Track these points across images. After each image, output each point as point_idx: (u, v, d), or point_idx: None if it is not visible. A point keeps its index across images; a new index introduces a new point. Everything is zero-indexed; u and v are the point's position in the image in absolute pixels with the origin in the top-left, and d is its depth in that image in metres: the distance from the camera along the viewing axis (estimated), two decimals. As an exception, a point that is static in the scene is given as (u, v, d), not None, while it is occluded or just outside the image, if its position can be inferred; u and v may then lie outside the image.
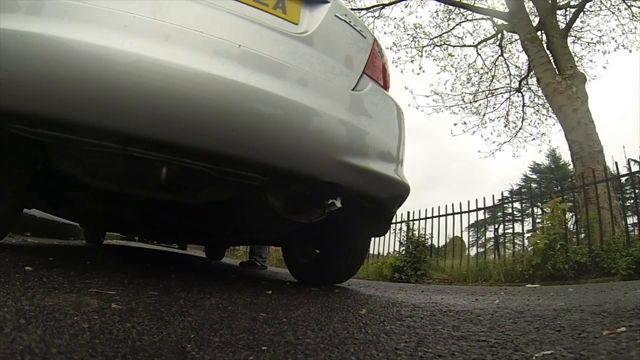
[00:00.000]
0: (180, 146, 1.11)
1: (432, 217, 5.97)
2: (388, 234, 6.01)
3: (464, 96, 9.89)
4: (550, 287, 2.96)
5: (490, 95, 9.95)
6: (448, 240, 6.16)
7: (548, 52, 7.00)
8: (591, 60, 9.24)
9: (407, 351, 0.72)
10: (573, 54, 7.68)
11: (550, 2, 7.67)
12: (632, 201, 6.07)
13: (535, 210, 5.40)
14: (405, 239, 5.73)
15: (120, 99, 1.00)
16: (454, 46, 9.96)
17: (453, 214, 5.72)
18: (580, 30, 8.91)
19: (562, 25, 7.74)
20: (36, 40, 0.97)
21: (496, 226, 6.06)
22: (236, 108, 1.11)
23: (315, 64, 1.35)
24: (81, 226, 3.75)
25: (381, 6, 9.58)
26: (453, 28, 9.85)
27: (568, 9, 8.34)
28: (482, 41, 9.80)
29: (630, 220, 5.68)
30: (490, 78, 9.92)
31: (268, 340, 0.73)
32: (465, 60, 10.27)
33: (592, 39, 8.96)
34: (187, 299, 1.09)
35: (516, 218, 5.58)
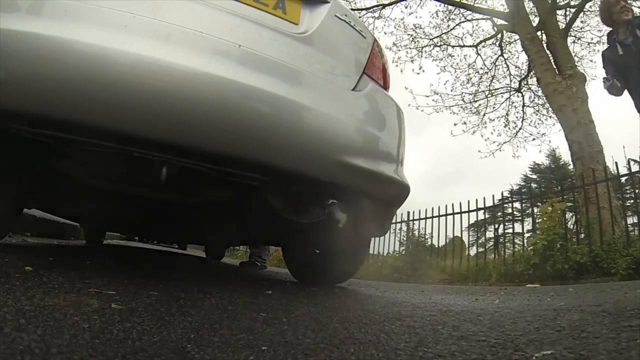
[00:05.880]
0: (181, 146, 1.11)
1: (432, 217, 5.97)
2: (388, 234, 6.01)
3: (464, 96, 9.88)
4: (550, 287, 2.96)
5: (490, 95, 9.94)
6: (448, 240, 6.17)
7: (548, 52, 7.00)
8: (591, 60, 9.22)
9: (407, 351, 0.72)
10: (573, 54, 7.68)
11: (550, 2, 7.66)
12: (632, 201, 6.07)
13: (535, 210, 5.39)
14: (405, 239, 5.74)
15: (120, 99, 1.00)
16: (453, 46, 9.96)
17: (453, 214, 5.73)
18: (580, 30, 8.90)
19: (562, 25, 7.74)
20: (36, 40, 0.97)
21: (496, 226, 6.06)
22: (236, 108, 1.11)
23: (315, 64, 1.35)
24: (81, 226, 3.75)
25: (381, 6, 9.58)
26: (453, 28, 9.84)
27: (568, 9, 8.33)
28: (482, 41, 9.80)
29: (630, 220, 5.68)
30: (490, 78, 9.91)
31: (268, 340, 0.73)
32: (465, 60, 10.26)
33: (592, 39, 8.94)
34: (187, 299, 1.09)
35: (516, 218, 5.59)
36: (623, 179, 4.74)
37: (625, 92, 2.57)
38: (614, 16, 2.58)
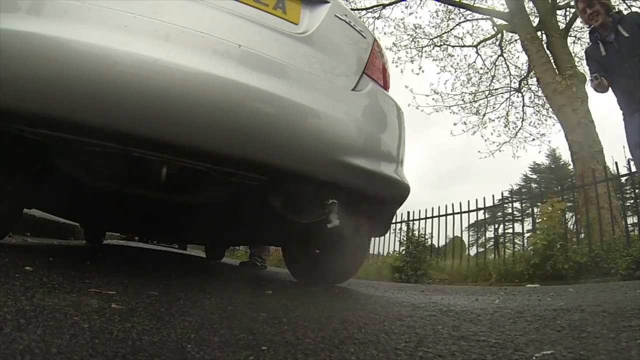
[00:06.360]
0: (181, 146, 1.11)
1: (432, 217, 5.97)
2: (388, 234, 6.01)
3: (464, 96, 9.89)
4: (551, 287, 2.96)
5: (490, 95, 9.95)
6: (448, 240, 6.17)
7: (548, 52, 7.00)
8: (591, 61, 9.20)
9: (407, 351, 0.72)
10: (573, 54, 7.67)
11: (550, 2, 7.66)
12: (632, 201, 6.07)
13: (535, 210, 5.39)
14: (405, 239, 5.74)
15: (120, 99, 1.00)
16: (453, 46, 9.97)
17: (453, 214, 5.72)
18: (580, 30, 8.86)
19: (562, 25, 7.74)
20: (36, 40, 0.97)
21: (496, 226, 6.06)
22: (236, 108, 1.11)
23: (315, 64, 1.35)
24: (81, 226, 3.75)
25: (381, 6, 9.58)
26: (453, 28, 9.86)
27: (568, 9, 8.32)
28: (482, 41, 9.81)
29: (630, 220, 5.67)
30: (490, 78, 9.92)
31: (268, 340, 0.73)
32: (465, 60, 10.27)
33: (592, 39, 8.93)
34: (187, 299, 1.09)
35: (516, 218, 5.58)
36: (623, 179, 4.73)
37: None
38: (587, 23, 2.59)
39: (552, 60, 6.88)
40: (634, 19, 2.48)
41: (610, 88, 2.51)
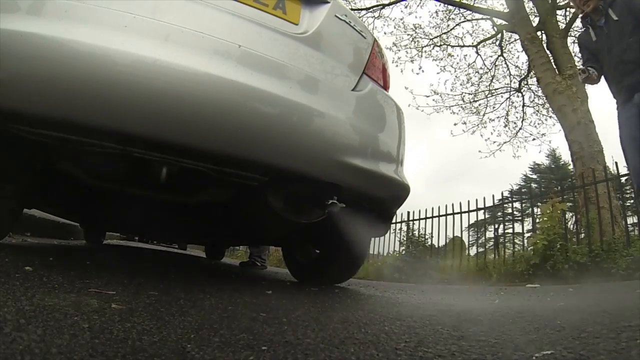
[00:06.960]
0: (181, 146, 1.11)
1: (432, 217, 5.97)
2: (388, 234, 6.01)
3: (464, 96, 9.89)
4: (550, 287, 2.96)
5: (490, 95, 9.95)
6: (448, 240, 6.17)
7: (548, 52, 7.00)
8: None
9: (407, 351, 0.72)
10: (573, 54, 7.67)
11: (550, 2, 7.67)
12: (632, 201, 6.07)
13: (535, 210, 5.40)
14: (405, 239, 5.74)
15: (120, 99, 1.00)
16: (453, 46, 9.97)
17: (453, 214, 5.72)
18: (580, 30, 8.88)
19: (562, 25, 7.74)
20: (36, 40, 0.97)
21: (496, 226, 6.06)
22: (236, 108, 1.11)
23: (315, 64, 1.35)
24: (81, 226, 3.75)
25: (381, 6, 9.59)
26: (453, 28, 9.86)
27: (568, 9, 8.32)
28: (481, 41, 9.81)
29: (630, 220, 5.68)
30: (490, 78, 9.93)
31: (268, 340, 0.73)
32: (465, 60, 10.29)
33: (592, 38, 8.91)
34: (187, 299, 1.09)
35: (516, 218, 5.59)
36: (623, 179, 4.73)
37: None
38: (580, 8, 2.47)
39: (552, 60, 6.88)
40: (624, 1, 2.30)
41: (602, 77, 2.41)
